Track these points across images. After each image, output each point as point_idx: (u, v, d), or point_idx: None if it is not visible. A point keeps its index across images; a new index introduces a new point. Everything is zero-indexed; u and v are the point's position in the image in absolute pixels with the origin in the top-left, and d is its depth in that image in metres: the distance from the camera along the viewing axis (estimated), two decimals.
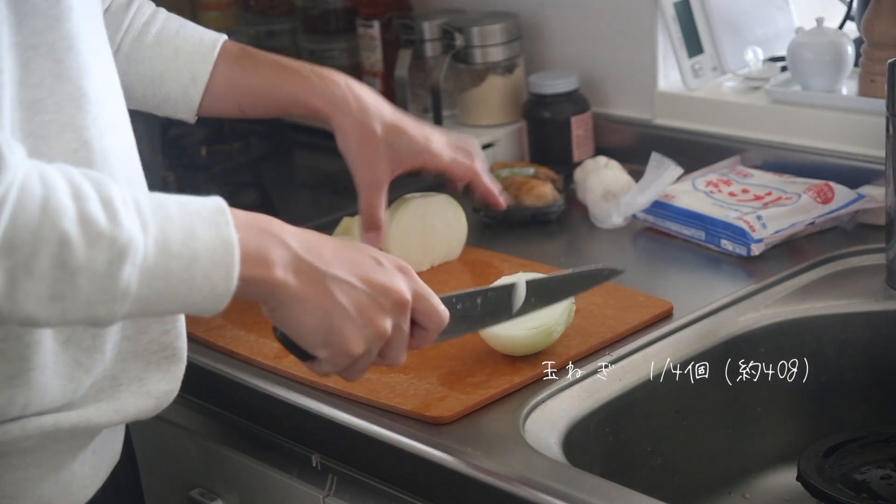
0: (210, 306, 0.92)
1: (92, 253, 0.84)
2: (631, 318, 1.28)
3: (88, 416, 1.01)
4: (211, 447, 1.36)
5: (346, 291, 0.98)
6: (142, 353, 1.05)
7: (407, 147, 1.31)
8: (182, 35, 1.31)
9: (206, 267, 0.90)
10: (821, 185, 1.51)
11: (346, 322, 0.98)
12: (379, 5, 1.97)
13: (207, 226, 0.90)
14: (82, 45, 0.98)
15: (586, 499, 1.01)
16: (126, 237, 0.86)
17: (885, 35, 1.55)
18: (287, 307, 0.96)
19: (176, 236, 0.89)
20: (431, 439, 1.12)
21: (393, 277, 1.01)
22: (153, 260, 0.87)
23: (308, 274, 0.96)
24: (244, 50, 1.32)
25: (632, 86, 1.79)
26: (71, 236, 0.83)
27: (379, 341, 1.01)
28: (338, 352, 0.99)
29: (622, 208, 1.56)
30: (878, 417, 1.35)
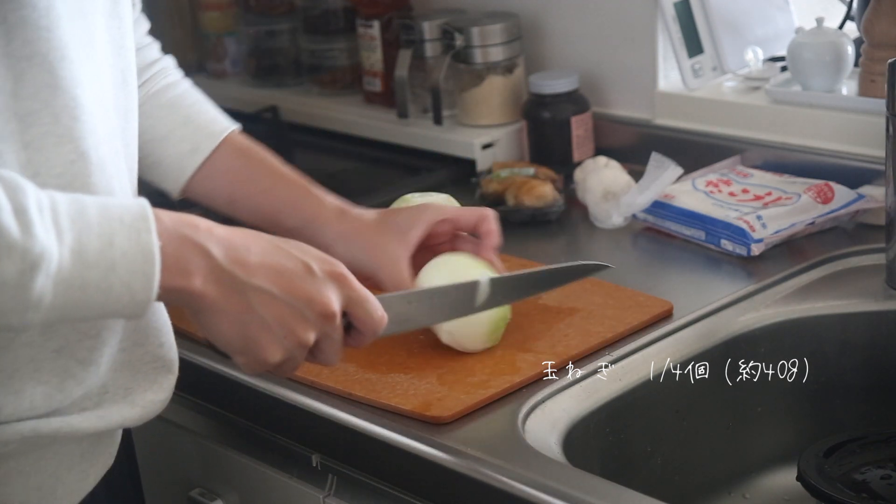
0: (130, 313, 0.91)
1: (2, 265, 0.83)
2: (631, 318, 1.28)
3: (70, 422, 1.00)
4: (211, 447, 1.36)
5: (266, 302, 0.96)
6: (134, 363, 1.05)
7: (407, 216, 1.24)
8: (197, 108, 1.29)
9: (125, 276, 0.88)
10: (821, 185, 1.51)
11: (264, 333, 0.96)
12: (379, 5, 1.97)
13: (128, 233, 0.89)
14: (74, 53, 0.97)
15: (586, 499, 1.01)
16: (39, 248, 0.84)
17: (885, 35, 1.55)
18: (205, 315, 0.95)
19: (93, 245, 0.87)
20: (431, 439, 1.12)
21: (321, 287, 0.98)
22: (68, 270, 0.86)
23: (228, 284, 0.94)
24: (255, 145, 1.29)
25: (632, 86, 1.79)
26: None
27: (301, 350, 0.99)
28: (254, 360, 0.98)
29: (622, 208, 1.56)
30: (878, 417, 1.35)
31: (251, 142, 1.30)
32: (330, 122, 2.03)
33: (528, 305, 1.33)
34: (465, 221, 1.27)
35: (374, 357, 1.24)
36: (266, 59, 2.18)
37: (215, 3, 2.24)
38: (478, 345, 1.24)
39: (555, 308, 1.32)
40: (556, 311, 1.31)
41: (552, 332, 1.27)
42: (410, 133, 1.90)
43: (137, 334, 1.05)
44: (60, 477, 1.04)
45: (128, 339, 1.04)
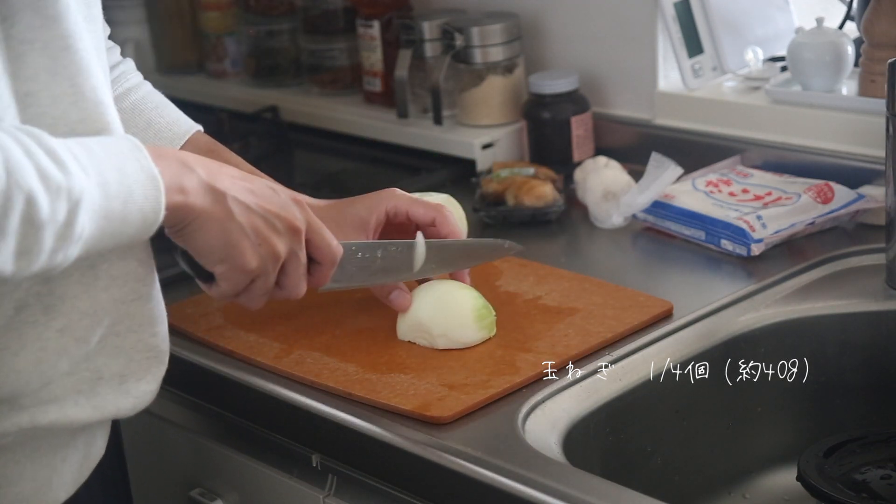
0: (139, 237, 0.97)
1: (55, 206, 0.88)
2: (631, 318, 1.29)
3: (66, 412, 1.02)
4: (211, 447, 1.36)
5: (244, 212, 1.04)
6: (127, 350, 1.06)
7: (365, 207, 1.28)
8: (159, 111, 1.30)
9: (140, 202, 0.95)
10: (821, 185, 1.51)
11: (243, 239, 1.04)
12: (379, 5, 1.97)
13: (132, 163, 0.95)
14: (79, 44, 1.00)
15: (586, 499, 1.01)
16: (79, 186, 0.89)
17: (885, 35, 1.55)
18: (193, 226, 1.01)
19: (112, 177, 0.93)
20: (431, 439, 1.12)
21: (287, 205, 1.08)
22: (99, 202, 0.92)
23: (213, 197, 1.02)
24: (217, 145, 1.32)
25: (632, 86, 1.79)
26: (35, 192, 0.87)
27: (273, 261, 1.07)
28: (234, 266, 1.05)
29: (622, 208, 1.56)
30: (878, 417, 1.35)
31: (214, 143, 1.32)
32: (330, 122, 2.03)
33: (529, 305, 1.33)
34: (421, 219, 1.30)
35: (375, 357, 1.24)
36: (266, 59, 2.18)
37: (215, 3, 2.24)
38: (472, 336, 1.24)
39: (555, 308, 1.32)
40: (556, 311, 1.31)
41: (552, 332, 1.27)
42: (410, 133, 1.90)
43: (132, 320, 1.06)
44: (55, 468, 1.05)
45: (122, 324, 1.05)
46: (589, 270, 1.41)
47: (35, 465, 1.03)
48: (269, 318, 1.34)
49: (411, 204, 1.30)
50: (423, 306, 1.25)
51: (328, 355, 1.26)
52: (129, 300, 1.05)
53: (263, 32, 2.17)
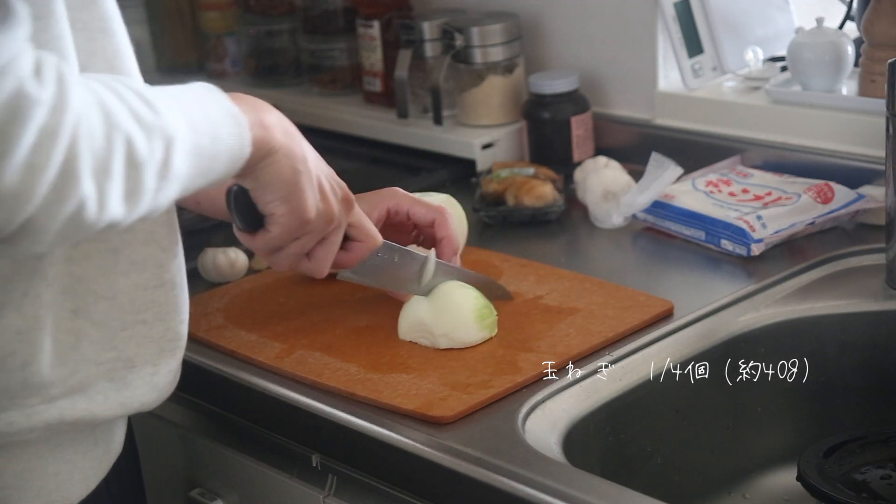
0: (228, 174, 1.00)
1: (152, 144, 0.90)
2: (631, 318, 1.29)
3: (94, 409, 1.03)
4: (211, 447, 1.36)
5: (315, 163, 1.09)
6: (157, 339, 1.07)
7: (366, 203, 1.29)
8: None
9: (227, 138, 0.98)
10: (821, 185, 1.51)
11: (309, 187, 1.08)
12: (379, 5, 1.97)
13: (211, 103, 0.98)
14: (116, 27, 1.02)
15: (586, 499, 1.01)
16: (171, 124, 0.92)
17: (885, 35, 1.55)
18: (270, 160, 1.04)
19: (197, 116, 0.95)
20: (431, 439, 1.12)
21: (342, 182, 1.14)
22: (189, 140, 0.94)
23: (292, 137, 1.07)
24: None
25: (632, 86, 1.79)
26: (133, 134, 0.88)
27: (327, 222, 1.11)
28: (293, 209, 1.08)
29: (622, 208, 1.56)
30: (878, 417, 1.35)
31: None
32: (330, 122, 2.03)
33: (530, 305, 1.33)
34: (420, 219, 1.31)
35: (376, 357, 1.24)
36: (266, 59, 2.18)
37: (215, 3, 2.24)
38: (474, 336, 1.25)
39: (556, 308, 1.32)
40: (557, 311, 1.31)
41: (553, 331, 1.27)
42: (410, 133, 1.90)
43: (159, 308, 1.07)
44: (76, 463, 1.07)
45: (148, 312, 1.06)
46: (589, 270, 1.41)
47: (57, 461, 1.05)
48: (270, 318, 1.35)
49: (412, 204, 1.31)
50: (424, 306, 1.26)
51: (329, 355, 1.26)
52: (151, 286, 1.06)
53: (263, 32, 2.17)
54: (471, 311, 1.25)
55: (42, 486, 1.04)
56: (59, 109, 0.84)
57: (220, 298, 1.41)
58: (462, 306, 1.25)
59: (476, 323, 1.24)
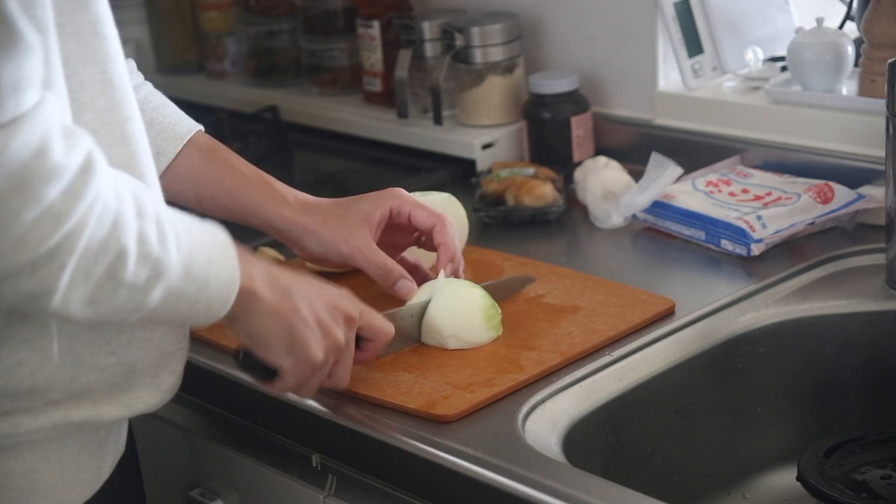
0: (199, 323, 1.02)
1: (139, 269, 0.91)
2: (633, 316, 1.29)
3: (99, 411, 1.04)
4: (211, 447, 1.36)
5: (308, 306, 1.07)
6: (157, 342, 1.07)
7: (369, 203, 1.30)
8: (161, 111, 1.30)
9: (212, 293, 0.99)
10: (821, 185, 1.51)
11: (308, 332, 1.07)
12: (379, 5, 1.97)
13: (221, 257, 0.99)
14: (108, 30, 1.01)
15: (586, 499, 1.01)
16: (168, 260, 0.94)
17: (885, 35, 1.55)
18: (259, 317, 1.05)
19: (199, 262, 0.97)
20: (431, 439, 1.12)
21: (341, 297, 1.12)
22: (176, 281, 0.95)
23: (280, 288, 1.05)
24: (218, 145, 1.32)
25: (632, 86, 1.79)
26: (128, 252, 0.90)
27: (335, 352, 1.10)
28: (300, 359, 1.08)
29: (622, 208, 1.56)
30: (878, 417, 1.35)
31: (215, 142, 1.32)
32: (330, 122, 2.03)
33: (531, 303, 1.33)
34: (421, 224, 1.31)
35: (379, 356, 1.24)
36: (266, 59, 2.18)
37: (215, 3, 2.24)
38: (482, 336, 1.25)
39: (557, 306, 1.32)
40: (558, 310, 1.31)
41: (555, 330, 1.27)
42: (410, 133, 1.90)
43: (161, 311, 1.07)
44: (83, 464, 1.07)
45: None
46: (589, 270, 1.41)
47: (64, 461, 1.05)
48: None
49: (414, 207, 1.31)
50: (432, 307, 1.25)
51: None
52: None
53: (263, 32, 2.17)
54: (478, 311, 1.25)
55: (50, 486, 1.04)
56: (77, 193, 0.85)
57: None
58: (469, 306, 1.25)
59: (484, 323, 1.25)
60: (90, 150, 0.88)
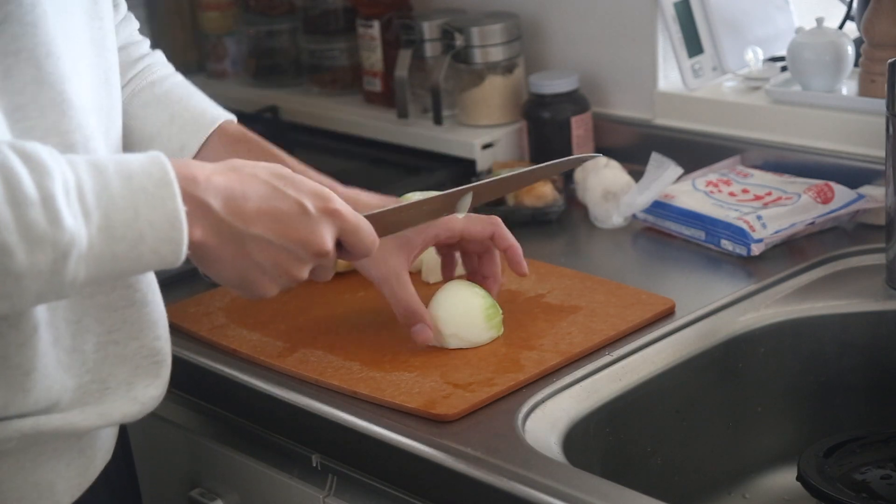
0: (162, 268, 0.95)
1: (34, 258, 0.86)
2: (634, 316, 1.29)
3: (71, 419, 1.02)
4: (211, 447, 1.36)
5: (263, 249, 1.00)
6: (131, 357, 1.06)
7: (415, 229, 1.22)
8: (185, 104, 1.25)
9: (153, 244, 0.92)
10: (821, 185, 1.51)
11: (259, 274, 1.01)
12: (379, 5, 1.97)
13: (153, 202, 0.91)
14: (60, 49, 0.98)
15: (586, 499, 1.01)
16: (68, 237, 0.87)
17: (885, 35, 1.55)
18: (205, 261, 0.99)
19: (119, 219, 0.90)
20: (431, 439, 1.12)
21: (315, 227, 1.02)
22: (99, 247, 0.89)
23: (226, 235, 0.98)
24: (244, 134, 1.25)
25: (632, 86, 1.79)
26: (11, 245, 0.85)
27: (296, 283, 1.04)
28: (250, 294, 1.03)
29: (622, 208, 1.56)
30: (878, 417, 1.35)
31: (244, 132, 1.26)
32: (330, 122, 2.03)
33: (531, 303, 1.33)
34: (477, 235, 1.26)
35: (379, 356, 1.24)
36: (266, 59, 2.18)
37: (215, 3, 2.24)
38: (483, 335, 1.25)
39: (557, 306, 1.32)
40: (558, 309, 1.31)
41: (555, 329, 1.27)
42: (410, 133, 1.90)
43: (132, 327, 1.06)
44: (60, 473, 1.05)
45: (119, 332, 1.05)
46: (589, 270, 1.41)
47: (38, 470, 1.03)
48: (272, 317, 1.35)
49: (466, 223, 1.25)
50: (432, 307, 1.25)
51: (331, 353, 1.26)
52: (120, 307, 1.05)
53: (263, 32, 2.17)
54: (479, 311, 1.24)
55: (21, 496, 1.02)
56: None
57: (222, 298, 1.41)
58: (470, 306, 1.25)
59: (485, 322, 1.24)
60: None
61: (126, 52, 1.25)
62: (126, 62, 1.24)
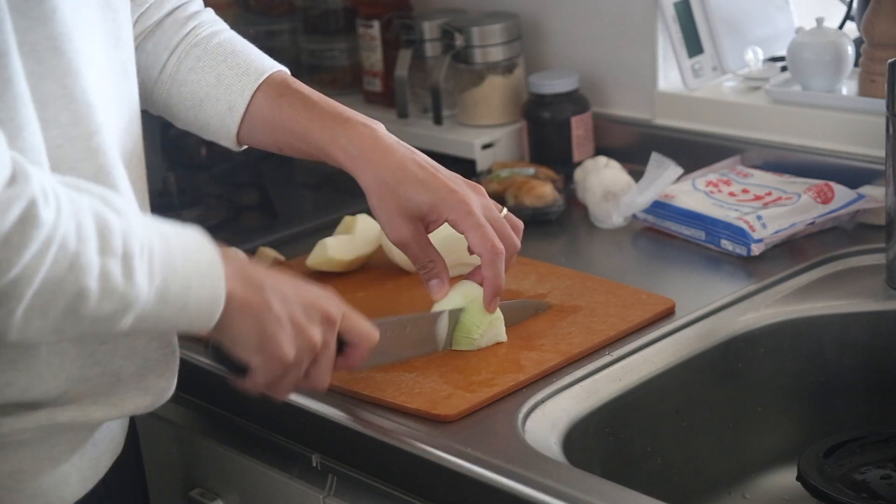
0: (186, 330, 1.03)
1: (102, 305, 0.91)
2: (634, 316, 1.29)
3: (85, 410, 1.04)
4: (211, 447, 1.36)
5: (281, 302, 1.03)
6: (141, 350, 1.07)
7: (429, 203, 1.18)
8: (229, 62, 1.24)
9: (193, 314, 0.98)
10: (821, 185, 1.51)
11: (279, 329, 1.03)
12: (379, 5, 1.97)
13: (202, 279, 0.98)
14: (68, 45, 0.99)
15: (586, 499, 1.01)
16: (135, 294, 0.93)
17: (885, 35, 1.55)
18: (228, 314, 1.01)
19: (175, 288, 0.96)
20: (431, 439, 1.12)
21: (322, 296, 1.08)
22: (150, 308, 0.95)
23: (250, 283, 1.02)
24: (288, 86, 1.24)
25: (632, 86, 1.79)
26: (89, 291, 0.90)
27: (310, 352, 1.06)
28: (270, 357, 1.04)
29: (622, 208, 1.56)
30: (878, 417, 1.35)
31: (285, 83, 1.25)
32: None
33: None
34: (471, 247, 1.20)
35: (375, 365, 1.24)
36: None
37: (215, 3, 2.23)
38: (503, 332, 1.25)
39: (557, 306, 1.32)
40: (558, 309, 1.31)
41: (556, 329, 1.27)
42: (410, 133, 1.90)
43: None
44: (74, 464, 1.06)
45: None
46: (589, 270, 1.41)
47: (53, 461, 1.04)
48: None
49: (469, 227, 1.19)
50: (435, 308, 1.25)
51: None
52: None
53: (263, 32, 2.16)
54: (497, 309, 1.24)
55: (37, 486, 1.04)
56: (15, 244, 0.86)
57: None
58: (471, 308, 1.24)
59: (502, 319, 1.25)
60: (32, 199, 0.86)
61: (173, 16, 1.26)
62: (173, 26, 1.25)
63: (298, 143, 1.23)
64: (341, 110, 1.23)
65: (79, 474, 1.07)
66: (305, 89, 1.25)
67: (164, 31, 1.25)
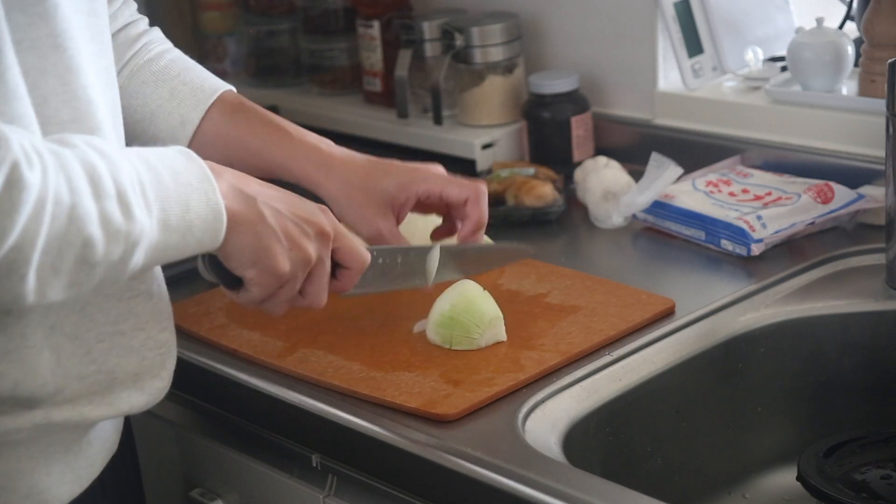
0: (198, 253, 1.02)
1: (110, 248, 0.91)
2: (634, 316, 1.29)
3: (80, 409, 1.03)
4: (211, 447, 1.36)
5: (275, 216, 1.04)
6: (137, 349, 1.07)
7: (396, 184, 1.25)
8: (182, 78, 1.28)
9: (199, 234, 0.98)
10: (821, 185, 1.51)
11: (274, 242, 1.04)
12: (379, 5, 1.97)
13: (199, 196, 0.98)
14: (69, 42, 1.00)
15: (586, 499, 1.01)
16: (138, 230, 0.93)
17: (885, 35, 1.55)
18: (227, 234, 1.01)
19: (174, 212, 0.96)
20: (431, 439, 1.12)
21: (315, 212, 1.08)
22: (156, 239, 0.95)
23: (244, 200, 1.02)
24: (242, 104, 1.29)
25: (632, 86, 1.79)
26: (94, 238, 0.90)
27: (304, 266, 1.07)
28: (265, 270, 1.05)
29: (622, 208, 1.56)
30: (878, 417, 1.35)
31: (240, 101, 1.29)
32: (330, 122, 2.03)
33: (532, 303, 1.33)
34: (454, 199, 1.28)
35: (379, 356, 1.24)
36: (266, 59, 2.18)
37: (215, 3, 2.24)
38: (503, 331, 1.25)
39: (557, 306, 1.32)
40: (558, 309, 1.31)
41: (556, 329, 1.27)
42: (410, 133, 1.90)
43: (137, 318, 1.07)
44: (69, 463, 1.06)
45: (125, 323, 1.06)
46: (589, 270, 1.41)
47: (48, 460, 1.04)
48: (272, 317, 1.34)
49: (445, 185, 1.27)
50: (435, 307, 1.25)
51: (332, 353, 1.26)
52: (126, 298, 1.06)
53: (263, 32, 2.17)
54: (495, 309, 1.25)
55: (31, 486, 1.03)
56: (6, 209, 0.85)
57: (222, 298, 1.40)
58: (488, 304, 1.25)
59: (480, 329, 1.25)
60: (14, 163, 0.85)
61: (125, 32, 1.29)
62: (125, 42, 1.28)
63: (252, 158, 1.26)
64: (295, 128, 1.28)
65: (73, 473, 1.07)
66: (259, 108, 1.29)
67: (116, 47, 1.25)
